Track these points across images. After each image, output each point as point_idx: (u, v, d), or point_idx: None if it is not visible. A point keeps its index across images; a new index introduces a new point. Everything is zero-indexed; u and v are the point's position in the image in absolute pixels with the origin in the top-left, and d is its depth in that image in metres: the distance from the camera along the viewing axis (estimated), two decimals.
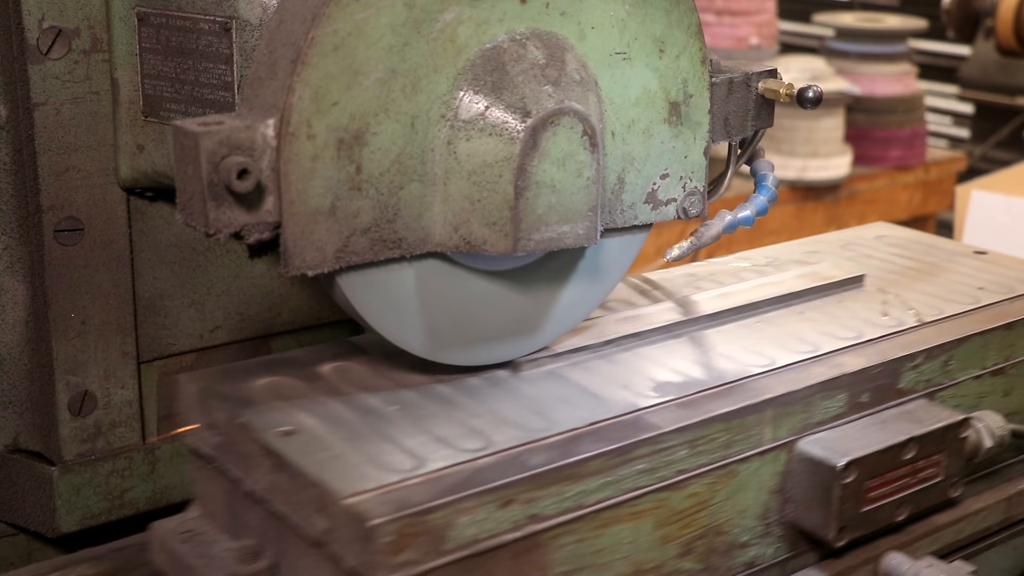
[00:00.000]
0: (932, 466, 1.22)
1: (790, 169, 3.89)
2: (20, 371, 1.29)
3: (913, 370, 1.25)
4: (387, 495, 0.93)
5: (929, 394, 1.27)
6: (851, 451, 1.14)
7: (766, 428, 1.13)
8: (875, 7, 6.15)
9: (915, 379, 1.25)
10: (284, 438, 1.02)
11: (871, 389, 1.21)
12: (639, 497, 1.05)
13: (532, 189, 1.02)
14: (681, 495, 1.08)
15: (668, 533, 1.08)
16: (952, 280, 1.47)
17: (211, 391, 1.11)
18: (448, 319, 1.12)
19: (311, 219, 0.97)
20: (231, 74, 1.15)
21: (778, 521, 1.17)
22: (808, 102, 1.20)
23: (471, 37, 1.02)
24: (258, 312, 1.36)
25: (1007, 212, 2.86)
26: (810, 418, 1.17)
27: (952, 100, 6.09)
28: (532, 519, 0.98)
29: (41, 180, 1.21)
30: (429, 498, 0.93)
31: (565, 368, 1.18)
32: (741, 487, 1.13)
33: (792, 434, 1.15)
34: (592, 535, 1.03)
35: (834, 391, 1.18)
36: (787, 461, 1.16)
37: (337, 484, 0.94)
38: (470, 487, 0.95)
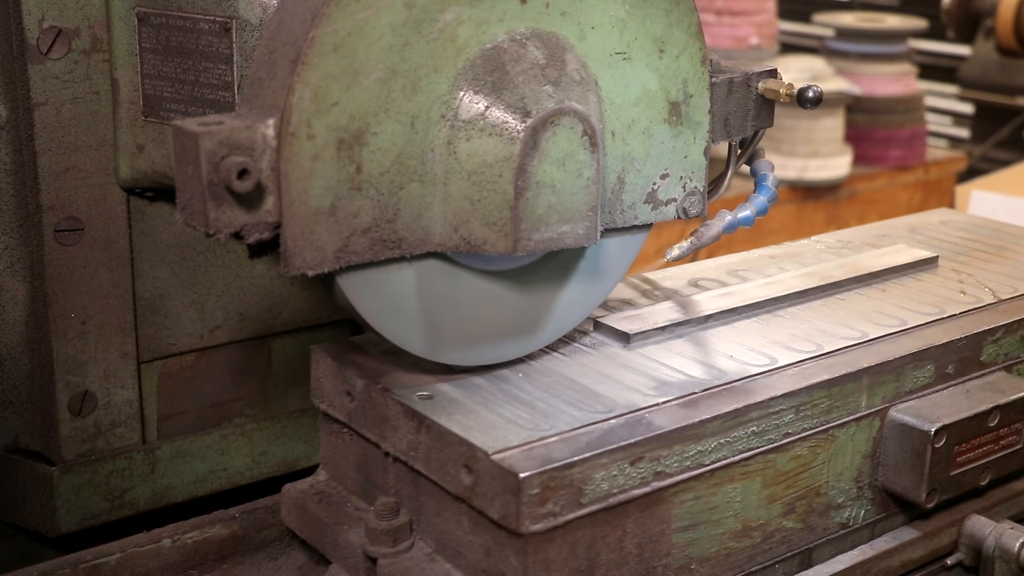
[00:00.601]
0: (1013, 434, 1.29)
1: (790, 169, 3.89)
2: (20, 371, 1.29)
3: (994, 343, 1.32)
4: (531, 451, 1.00)
5: (1008, 367, 1.34)
6: (941, 418, 1.21)
7: (862, 395, 1.20)
8: (875, 7, 6.15)
9: (995, 352, 1.32)
10: (424, 401, 1.09)
11: (956, 361, 1.28)
12: (750, 458, 1.12)
13: (532, 189, 1.02)
14: (786, 457, 1.15)
15: (774, 493, 1.15)
16: (1021, 261, 1.55)
17: (345, 360, 1.17)
18: (448, 319, 1.12)
19: (311, 219, 0.97)
20: (231, 74, 1.15)
21: (870, 484, 1.24)
22: (808, 102, 1.20)
23: (471, 37, 1.02)
24: (258, 312, 1.36)
25: (1007, 212, 2.86)
26: (902, 387, 1.24)
27: (952, 100, 6.08)
28: (658, 476, 1.05)
29: (41, 180, 1.21)
30: (569, 455, 1.00)
31: (673, 340, 1.26)
32: (839, 451, 1.20)
33: (885, 402, 1.22)
34: (708, 492, 1.10)
35: (923, 362, 1.25)
36: (880, 427, 1.23)
37: (482, 441, 1.01)
38: (604, 445, 1.02)
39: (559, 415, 1.07)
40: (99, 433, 1.30)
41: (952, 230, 1.69)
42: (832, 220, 4.06)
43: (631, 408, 1.09)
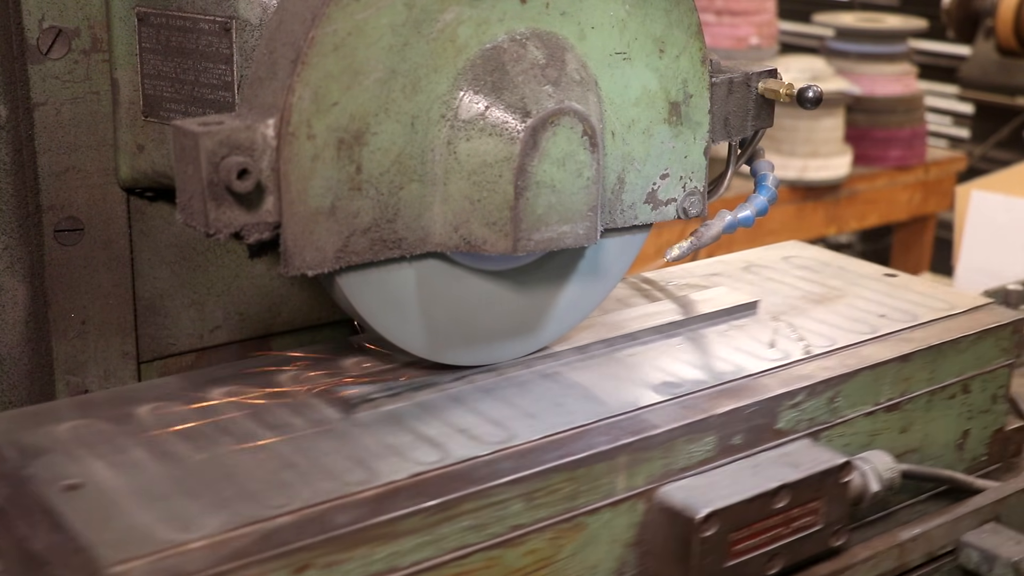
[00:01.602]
0: (810, 514, 1.12)
1: (790, 169, 3.88)
2: (20, 371, 1.29)
3: (793, 408, 1.16)
4: (159, 563, 0.84)
5: (813, 434, 1.18)
6: (713, 501, 1.05)
7: (619, 476, 1.04)
8: (875, 7, 6.15)
9: (796, 418, 1.17)
10: (67, 493, 0.92)
11: (745, 431, 1.12)
12: (467, 556, 0.96)
13: (532, 189, 1.02)
14: (517, 552, 0.99)
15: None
16: (853, 306, 1.39)
17: (8, 437, 1.01)
18: (448, 319, 1.12)
19: (311, 219, 0.97)
20: (231, 74, 1.15)
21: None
22: (808, 102, 1.20)
23: (471, 37, 1.02)
24: (258, 312, 1.36)
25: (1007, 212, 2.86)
26: (672, 464, 1.07)
27: (952, 100, 6.08)
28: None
29: (41, 180, 1.21)
30: (208, 565, 0.84)
31: (401, 407, 1.09)
32: (590, 541, 1.03)
33: (651, 482, 1.06)
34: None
35: (700, 434, 1.09)
36: (645, 511, 1.06)
37: (106, 550, 0.84)
38: (257, 552, 0.85)
39: (218, 511, 0.90)
40: None
41: (791, 268, 1.52)
42: (832, 220, 4.06)
43: (309, 502, 0.91)
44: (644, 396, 1.13)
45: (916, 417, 1.29)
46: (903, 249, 4.53)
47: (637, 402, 1.11)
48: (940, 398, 1.31)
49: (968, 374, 1.33)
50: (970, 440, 1.37)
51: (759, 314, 1.36)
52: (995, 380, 1.37)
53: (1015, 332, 1.38)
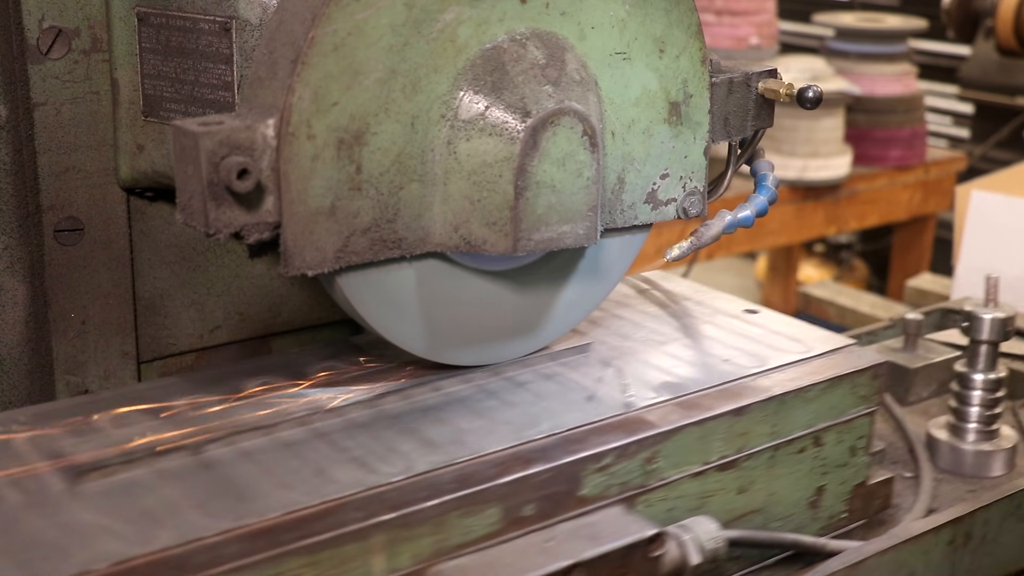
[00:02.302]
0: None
1: (790, 169, 3.88)
2: (20, 371, 1.29)
3: (600, 472, 1.02)
4: None
5: (628, 499, 1.04)
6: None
7: (376, 557, 0.90)
8: (875, 7, 6.15)
9: (604, 483, 1.03)
10: None
11: (538, 500, 0.98)
12: None
13: (532, 189, 1.02)
14: None
15: None
16: (698, 349, 1.24)
17: None
18: (448, 319, 1.12)
19: (311, 219, 0.97)
20: (231, 74, 1.15)
21: None
22: (808, 102, 1.20)
23: (471, 37, 1.02)
24: (258, 312, 1.36)
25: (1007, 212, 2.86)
26: (446, 540, 0.93)
27: (952, 100, 6.08)
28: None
29: (41, 180, 1.21)
30: None
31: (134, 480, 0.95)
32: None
33: (419, 562, 0.92)
34: None
35: (479, 505, 0.95)
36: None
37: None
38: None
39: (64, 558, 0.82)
40: None
41: (643, 302, 1.38)
42: (832, 220, 4.06)
43: None
44: (416, 462, 0.98)
45: (757, 475, 1.16)
46: (903, 249, 4.53)
47: (409, 470, 0.96)
48: (786, 453, 1.18)
49: (820, 425, 1.20)
50: (826, 497, 1.23)
51: (589, 356, 1.21)
52: (853, 431, 1.23)
53: (875, 377, 1.24)
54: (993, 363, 1.48)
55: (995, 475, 1.46)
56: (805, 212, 3.98)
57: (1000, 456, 1.46)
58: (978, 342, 1.47)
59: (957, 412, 1.49)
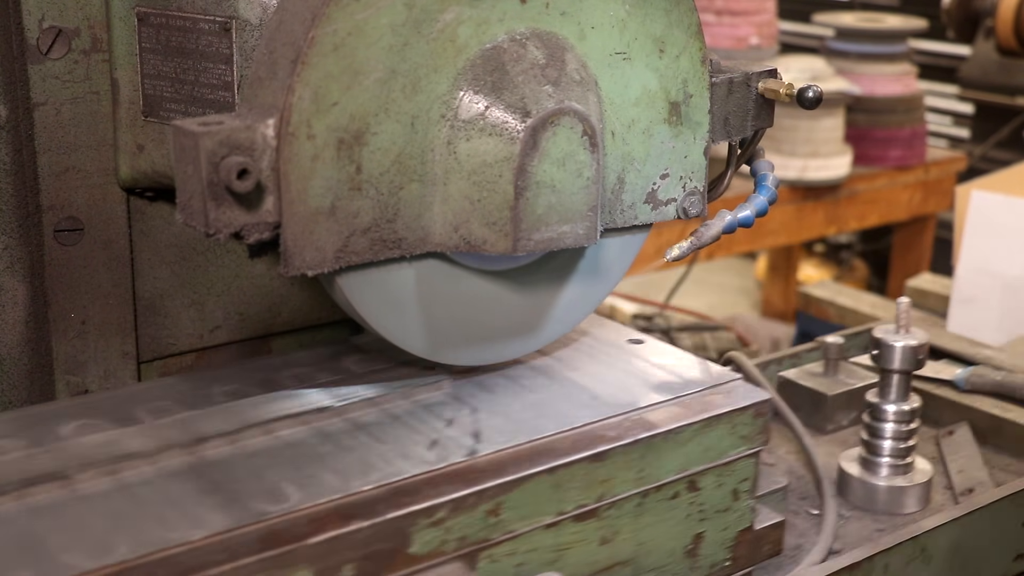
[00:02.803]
0: None
1: (790, 169, 3.88)
2: (20, 371, 1.29)
3: (433, 527, 0.93)
4: None
5: (469, 555, 0.96)
6: None
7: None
8: (875, 7, 6.15)
9: (439, 539, 0.94)
10: None
11: (359, 559, 0.89)
12: None
13: (532, 189, 1.02)
14: None
15: None
16: (563, 387, 1.16)
17: None
18: (448, 319, 1.12)
19: (311, 219, 0.97)
20: (231, 74, 1.15)
21: None
22: (808, 102, 1.20)
23: (471, 37, 1.02)
24: (258, 312, 1.36)
25: (1007, 212, 2.85)
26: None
27: (952, 100, 6.08)
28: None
29: (41, 180, 1.21)
30: None
31: None
32: None
33: None
34: None
35: (286, 569, 0.85)
36: None
37: None
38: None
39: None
40: None
41: None
42: (832, 220, 4.06)
43: None
44: (211, 520, 0.87)
45: (623, 524, 1.08)
46: (903, 249, 4.53)
47: (200, 529, 0.86)
48: (656, 500, 1.10)
49: (694, 469, 1.12)
50: (705, 545, 1.15)
51: (443, 393, 1.14)
52: (735, 473, 1.16)
53: (758, 416, 1.16)
54: (905, 393, 1.39)
55: (908, 511, 1.39)
56: (805, 212, 3.98)
57: (914, 492, 1.40)
58: (888, 371, 1.39)
59: (868, 445, 1.41)
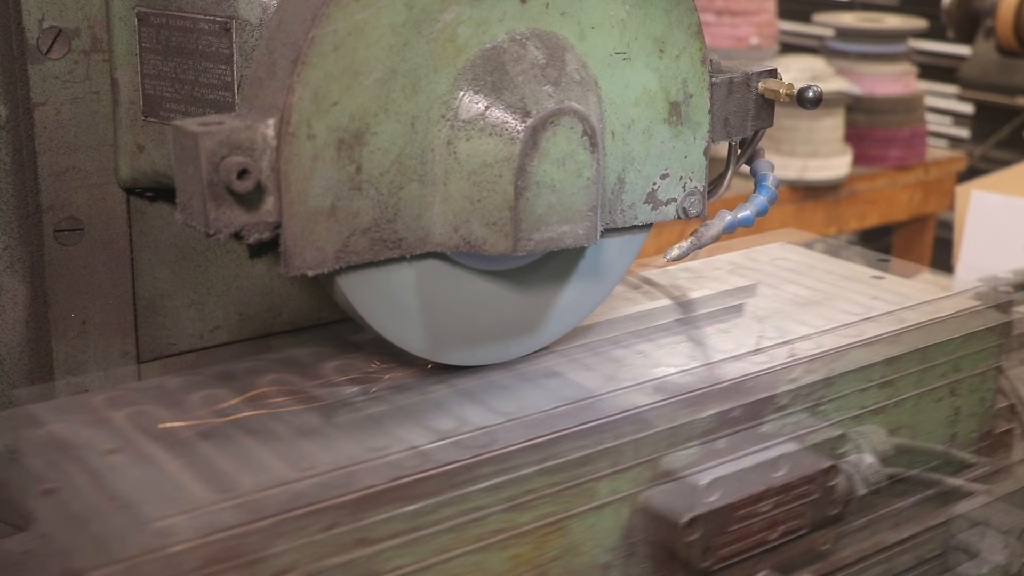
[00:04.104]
0: (795, 517, 1.12)
1: (790, 169, 3.88)
2: (20, 371, 1.29)
3: (779, 411, 1.15)
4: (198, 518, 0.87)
5: (799, 436, 1.17)
6: (697, 504, 1.04)
7: (602, 480, 1.03)
8: (875, 7, 6.15)
9: (782, 421, 1.16)
10: (106, 457, 0.95)
11: (730, 434, 1.11)
12: (448, 560, 0.96)
13: (532, 189, 1.02)
14: (501, 557, 0.99)
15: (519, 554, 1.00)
16: (840, 308, 1.37)
17: (48, 406, 1.04)
18: (448, 319, 1.12)
19: (311, 219, 0.97)
20: (231, 74, 1.15)
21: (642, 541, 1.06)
22: (808, 102, 1.20)
23: (471, 37, 1.02)
24: (258, 312, 1.36)
25: (1007, 212, 2.86)
26: (657, 467, 1.06)
27: (952, 100, 6.08)
28: (361, 543, 0.91)
29: (41, 180, 1.21)
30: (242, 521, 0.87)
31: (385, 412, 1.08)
32: (574, 545, 1.02)
33: (636, 485, 1.05)
34: (431, 558, 0.95)
35: (685, 437, 1.08)
36: (630, 515, 1.05)
37: (148, 506, 0.89)
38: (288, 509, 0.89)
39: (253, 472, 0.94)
40: None
41: (778, 269, 1.51)
42: (832, 220, 4.06)
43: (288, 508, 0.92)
44: (628, 398, 1.11)
45: (903, 420, 1.29)
46: (903, 249, 4.53)
47: (621, 405, 1.09)
48: (928, 400, 1.31)
49: (954, 377, 1.33)
50: (958, 442, 1.37)
51: (744, 317, 1.35)
52: (983, 383, 1.37)
53: (1002, 335, 1.38)
54: None
55: None
56: (805, 212, 3.98)
57: None
58: None
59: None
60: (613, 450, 1.03)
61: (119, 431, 1.04)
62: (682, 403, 1.11)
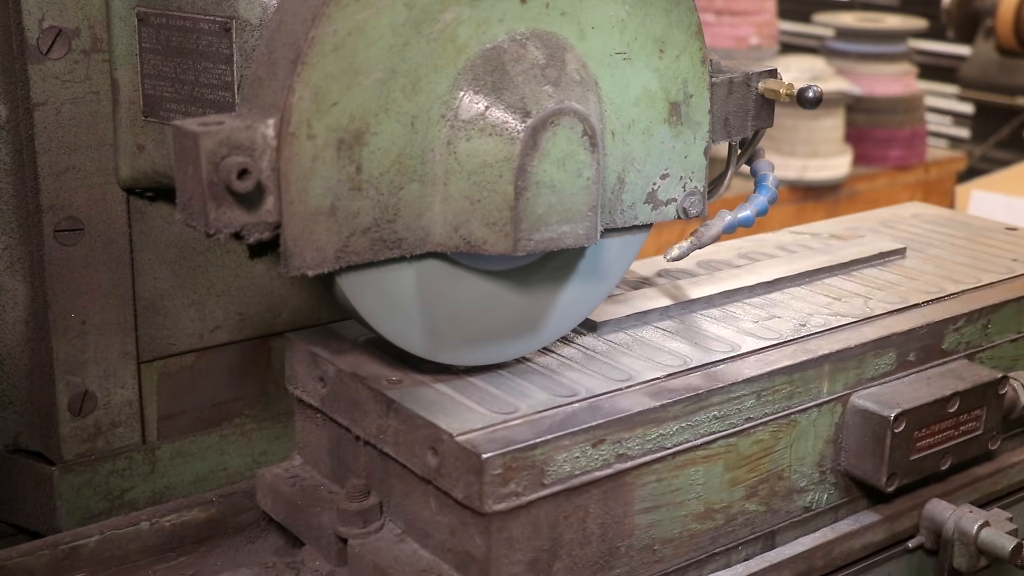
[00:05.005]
0: (973, 420, 1.31)
1: (790, 169, 3.89)
2: (20, 371, 1.29)
3: (955, 332, 1.34)
4: (494, 433, 1.03)
5: (970, 355, 1.36)
6: (901, 404, 1.23)
7: (824, 382, 1.22)
8: (875, 7, 6.15)
9: (957, 340, 1.34)
10: (393, 387, 1.11)
11: (917, 349, 1.30)
12: (712, 442, 1.14)
13: (532, 189, 1.02)
14: (748, 441, 1.17)
15: (736, 476, 1.17)
16: (986, 253, 1.56)
17: (319, 347, 1.19)
18: (448, 319, 1.12)
19: (311, 219, 0.97)
20: (231, 74, 1.15)
21: (833, 469, 1.26)
22: (808, 102, 1.20)
23: (471, 37, 1.02)
24: (258, 312, 1.36)
25: (1007, 212, 2.86)
26: (863, 374, 1.26)
27: (952, 100, 6.08)
28: (620, 458, 1.08)
29: (41, 180, 1.21)
30: (532, 436, 1.02)
31: (639, 328, 1.28)
32: (801, 436, 1.22)
33: (847, 388, 1.24)
34: (670, 475, 1.12)
35: (884, 349, 1.27)
36: (842, 413, 1.25)
37: (447, 424, 1.04)
38: (567, 428, 1.04)
39: (524, 399, 1.10)
40: (99, 433, 1.30)
41: (921, 223, 1.71)
42: None
43: (594, 393, 1.11)
44: (835, 319, 1.31)
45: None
46: None
47: (830, 323, 1.30)
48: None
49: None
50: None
51: (908, 258, 1.53)
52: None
53: None
54: None
55: None
56: (805, 212, 3.98)
57: None
58: None
59: None
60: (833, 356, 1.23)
61: None
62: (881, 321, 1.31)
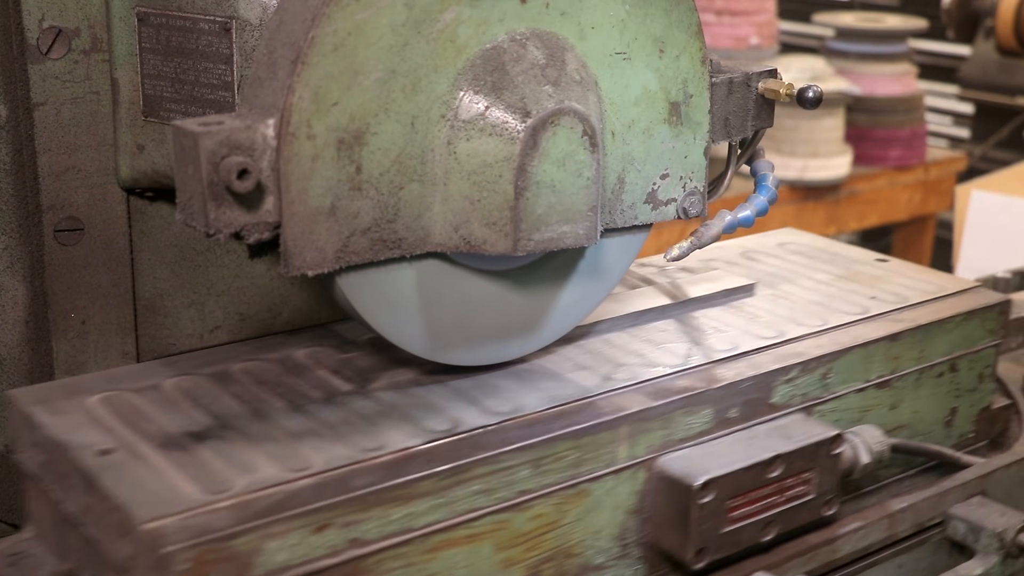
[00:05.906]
0: (802, 484, 1.16)
1: (790, 169, 3.89)
2: (20, 371, 1.29)
3: (787, 383, 1.21)
4: (190, 519, 0.89)
5: (806, 408, 1.23)
6: (709, 469, 1.09)
7: (621, 446, 1.09)
8: (875, 7, 6.15)
9: (790, 393, 1.21)
10: (100, 457, 0.98)
11: (740, 404, 1.17)
12: (476, 519, 1.00)
13: (532, 189, 1.02)
14: (524, 516, 1.04)
15: (511, 556, 1.04)
16: (845, 289, 1.43)
17: (43, 407, 1.07)
18: (448, 319, 1.12)
19: (311, 219, 0.97)
20: (231, 74, 1.15)
21: (637, 542, 1.12)
22: (808, 102, 1.20)
23: (471, 37, 1.02)
24: (258, 312, 1.36)
25: (1007, 212, 2.86)
26: (671, 435, 1.12)
27: (952, 100, 6.08)
28: (353, 543, 0.94)
29: (41, 180, 1.21)
30: (234, 523, 0.89)
31: (409, 386, 1.13)
32: (595, 506, 1.08)
33: (651, 451, 1.11)
34: (422, 559, 0.98)
35: (697, 407, 1.14)
36: (646, 480, 1.11)
37: (139, 508, 0.90)
38: (280, 511, 0.91)
39: (245, 474, 0.96)
40: None
41: (786, 253, 1.57)
42: (832, 220, 4.06)
43: (330, 466, 0.97)
44: (645, 371, 1.18)
45: (905, 394, 1.33)
46: (903, 249, 4.53)
47: (638, 376, 1.16)
48: (928, 376, 1.35)
49: (955, 353, 1.37)
50: (958, 417, 1.41)
51: (756, 295, 1.40)
52: (981, 360, 1.41)
53: (1001, 314, 1.41)
54: None
55: None
56: (805, 212, 3.98)
57: None
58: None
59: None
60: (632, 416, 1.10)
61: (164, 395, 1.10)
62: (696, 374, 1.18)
